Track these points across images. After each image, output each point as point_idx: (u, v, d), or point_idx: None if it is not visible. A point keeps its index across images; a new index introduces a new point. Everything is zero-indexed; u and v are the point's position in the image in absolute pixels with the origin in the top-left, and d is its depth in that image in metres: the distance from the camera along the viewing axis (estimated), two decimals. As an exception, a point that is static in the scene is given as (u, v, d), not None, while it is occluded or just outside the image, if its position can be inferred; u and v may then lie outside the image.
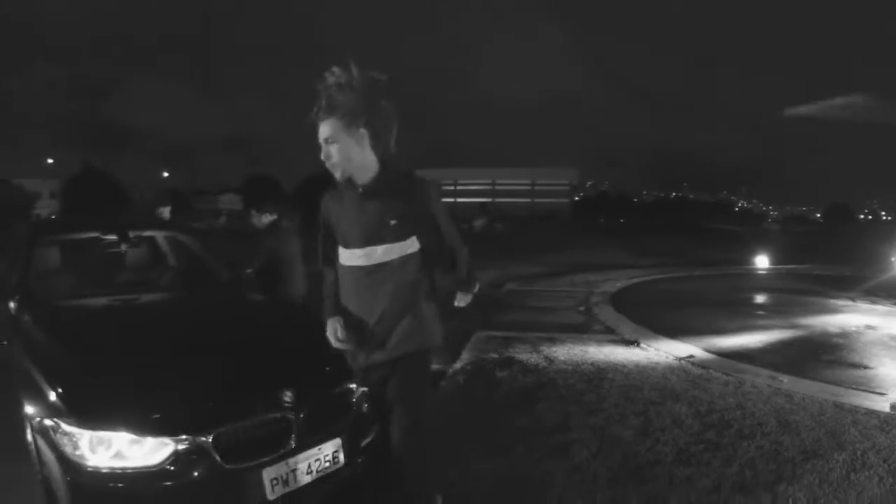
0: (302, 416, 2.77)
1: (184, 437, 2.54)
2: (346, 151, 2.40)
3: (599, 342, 6.81)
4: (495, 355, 5.99)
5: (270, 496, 2.61)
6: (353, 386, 3.06)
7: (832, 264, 16.90)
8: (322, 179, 2.53)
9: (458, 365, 5.70)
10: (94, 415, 2.56)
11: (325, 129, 2.40)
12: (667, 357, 6.13)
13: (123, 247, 4.58)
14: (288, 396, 2.77)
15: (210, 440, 2.55)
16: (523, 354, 6.05)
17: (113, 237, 4.61)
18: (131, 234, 4.69)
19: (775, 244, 25.06)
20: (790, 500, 3.02)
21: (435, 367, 5.55)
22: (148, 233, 5.13)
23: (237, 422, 2.64)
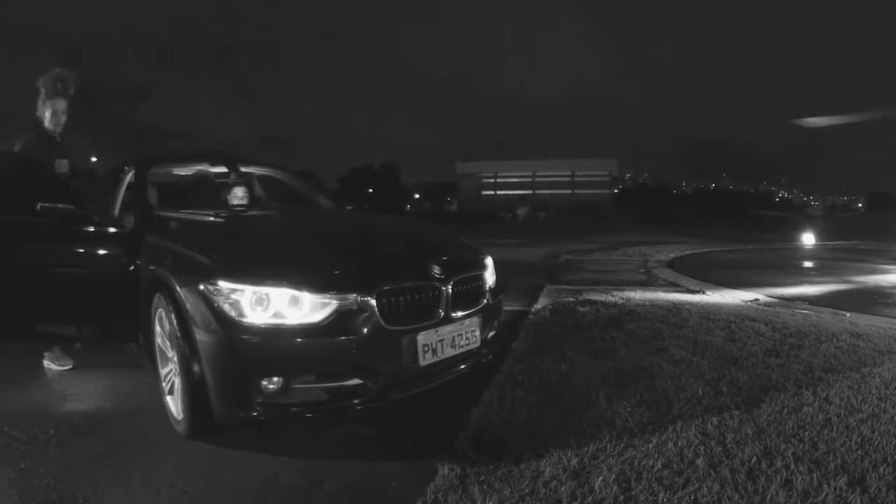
0: (449, 289, 2.99)
1: (348, 294, 2.66)
2: None
3: (666, 291, 7.19)
4: (572, 299, 6.38)
5: (422, 362, 2.83)
6: (485, 276, 3.46)
7: (877, 240, 16.91)
8: (365, 171, 2.96)
9: (538, 305, 6.12)
10: (254, 272, 2.66)
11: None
12: (733, 299, 6.51)
13: (232, 176, 4.57)
14: (436, 269, 3.00)
15: (373, 298, 2.69)
16: (598, 296, 6.46)
17: (221, 169, 4.73)
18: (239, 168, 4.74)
19: (820, 227, 24.95)
20: (877, 377, 3.40)
21: (516, 308, 6.01)
22: (248, 168, 5.03)
23: (396, 283, 2.80)
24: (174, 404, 2.99)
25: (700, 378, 3.43)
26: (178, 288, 2.79)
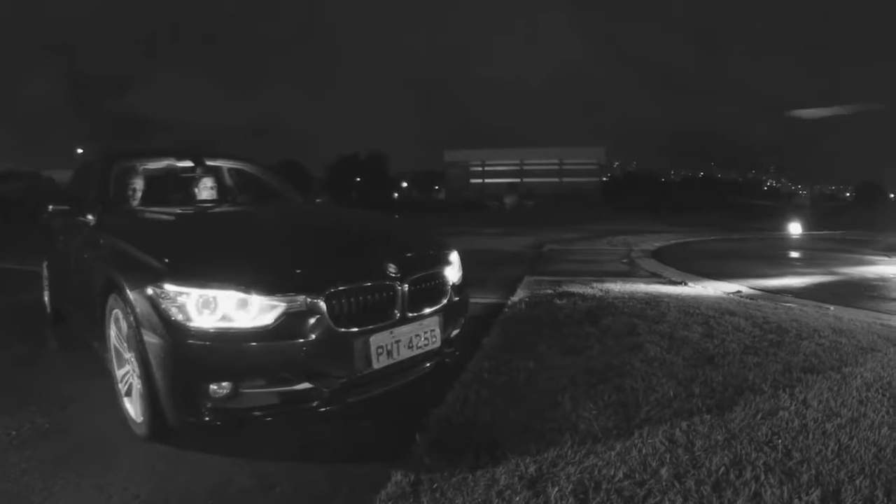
0: (405, 288, 2.89)
1: (296, 296, 2.57)
2: None
3: (648, 282, 7.05)
4: (550, 291, 6.23)
5: (375, 364, 2.73)
6: (447, 274, 3.29)
7: (864, 230, 16.91)
8: (352, 160, 2.80)
9: (515, 298, 5.97)
10: (201, 274, 2.58)
11: None
12: (715, 291, 6.38)
13: (198, 171, 4.55)
14: (392, 269, 2.88)
15: (322, 300, 2.60)
16: (577, 289, 6.30)
17: (187, 163, 4.67)
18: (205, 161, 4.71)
19: (808, 217, 25.00)
20: (858, 378, 3.26)
21: (493, 301, 5.87)
22: (217, 162, 5.00)
23: (347, 284, 2.69)
24: (132, 406, 2.95)
25: (672, 378, 3.28)
26: (127, 290, 2.74)
